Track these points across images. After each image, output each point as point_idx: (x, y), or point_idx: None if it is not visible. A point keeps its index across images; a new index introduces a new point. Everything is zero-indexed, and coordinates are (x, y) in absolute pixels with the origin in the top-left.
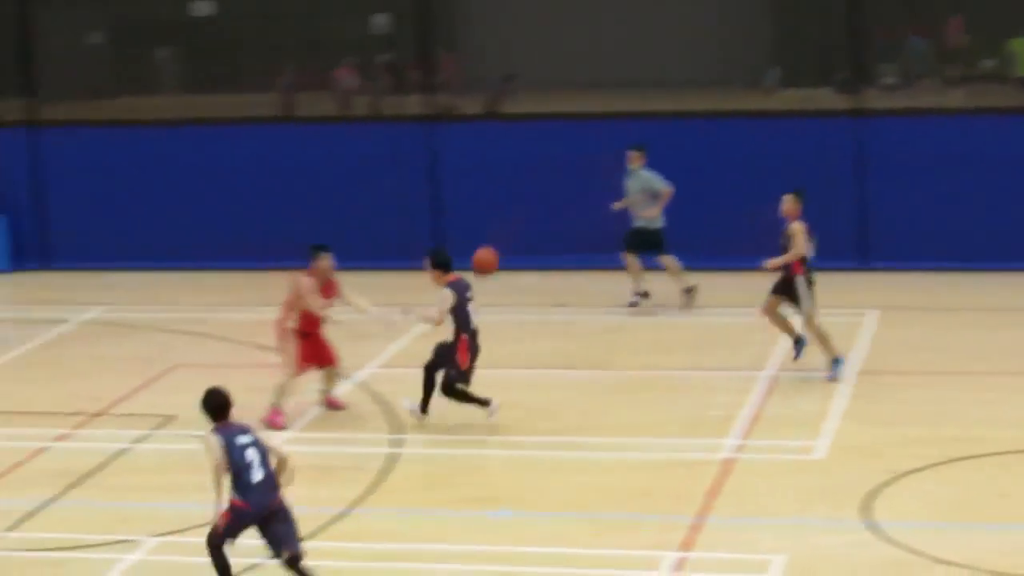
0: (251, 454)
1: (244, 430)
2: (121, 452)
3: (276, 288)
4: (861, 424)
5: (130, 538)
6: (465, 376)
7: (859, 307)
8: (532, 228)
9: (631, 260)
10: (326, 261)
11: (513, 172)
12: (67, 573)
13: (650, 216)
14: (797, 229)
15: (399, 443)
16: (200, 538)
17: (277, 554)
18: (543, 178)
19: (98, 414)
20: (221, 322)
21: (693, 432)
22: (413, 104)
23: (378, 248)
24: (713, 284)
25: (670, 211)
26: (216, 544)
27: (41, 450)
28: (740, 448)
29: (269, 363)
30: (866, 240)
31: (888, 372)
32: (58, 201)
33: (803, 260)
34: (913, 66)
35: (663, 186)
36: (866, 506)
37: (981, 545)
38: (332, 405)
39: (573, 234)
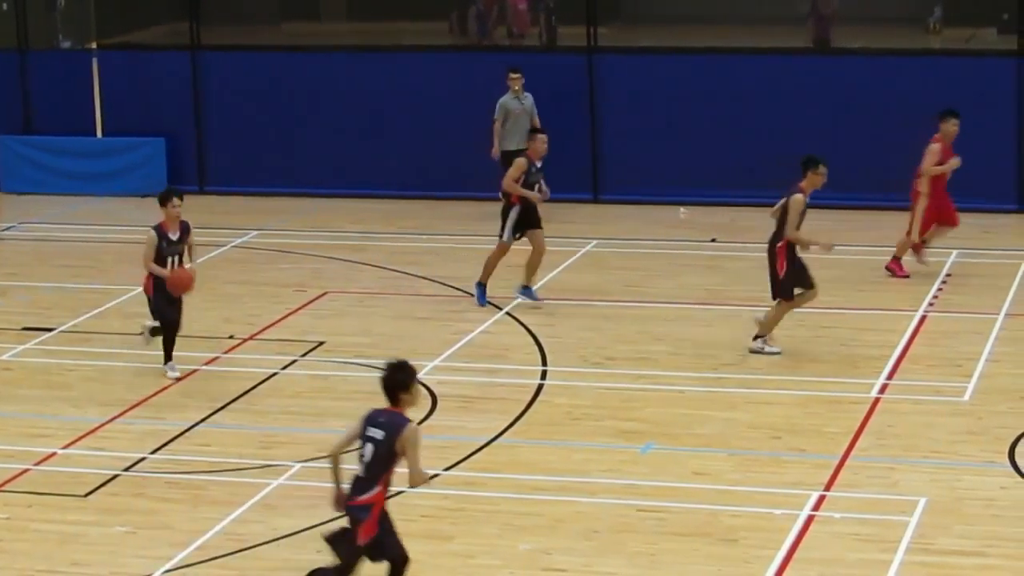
0: (366, 449)
1: (378, 427)
2: (269, 377)
3: (425, 217)
4: (1010, 367)
5: (273, 463)
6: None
7: (1016, 249)
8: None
9: None
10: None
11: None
12: (209, 496)
13: None
14: None
15: (547, 375)
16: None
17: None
18: (701, 111)
19: (249, 338)
20: (378, 249)
21: (842, 371)
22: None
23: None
24: (876, 221)
25: (834, 147)
26: None
27: (192, 373)
28: (888, 388)
29: (420, 292)
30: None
31: None
32: (217, 125)
33: None
34: None
35: None
36: (1013, 449)
37: None
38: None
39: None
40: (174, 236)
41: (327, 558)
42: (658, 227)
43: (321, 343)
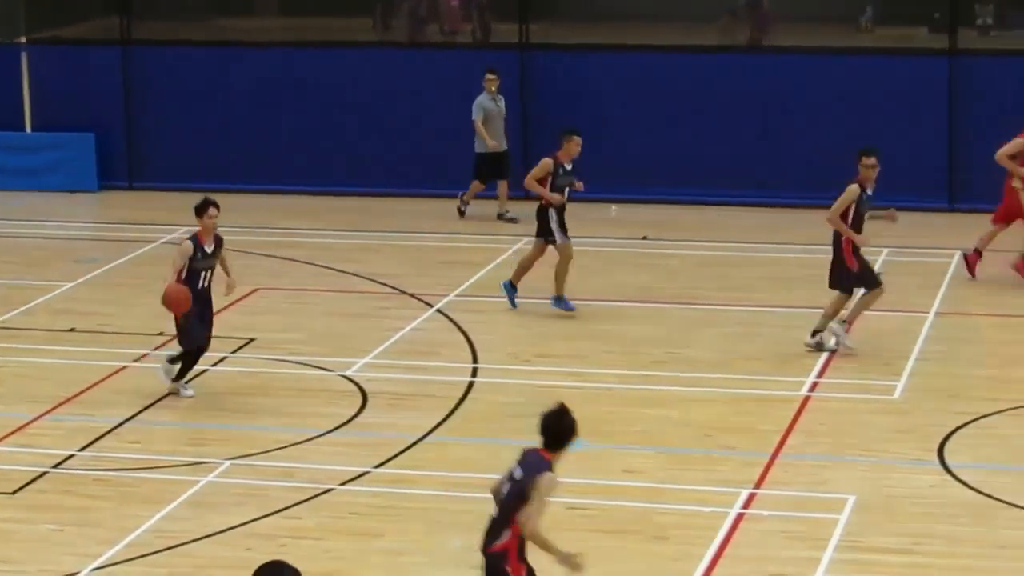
0: (504, 487)
1: (521, 466)
2: (199, 374)
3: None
4: (940, 365)
5: (203, 460)
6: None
7: (946, 247)
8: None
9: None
10: None
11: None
12: (139, 493)
13: None
14: None
15: (478, 372)
16: (272, 462)
17: None
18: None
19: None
20: (310, 246)
21: (773, 369)
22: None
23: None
24: (800, 220)
25: (766, 144)
26: None
27: (120, 369)
28: (818, 386)
29: (352, 289)
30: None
31: (969, 314)
32: (147, 120)
33: None
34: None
35: None
36: (942, 447)
37: None
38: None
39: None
40: (209, 248)
41: (257, 555)
42: (590, 225)
43: (251, 340)
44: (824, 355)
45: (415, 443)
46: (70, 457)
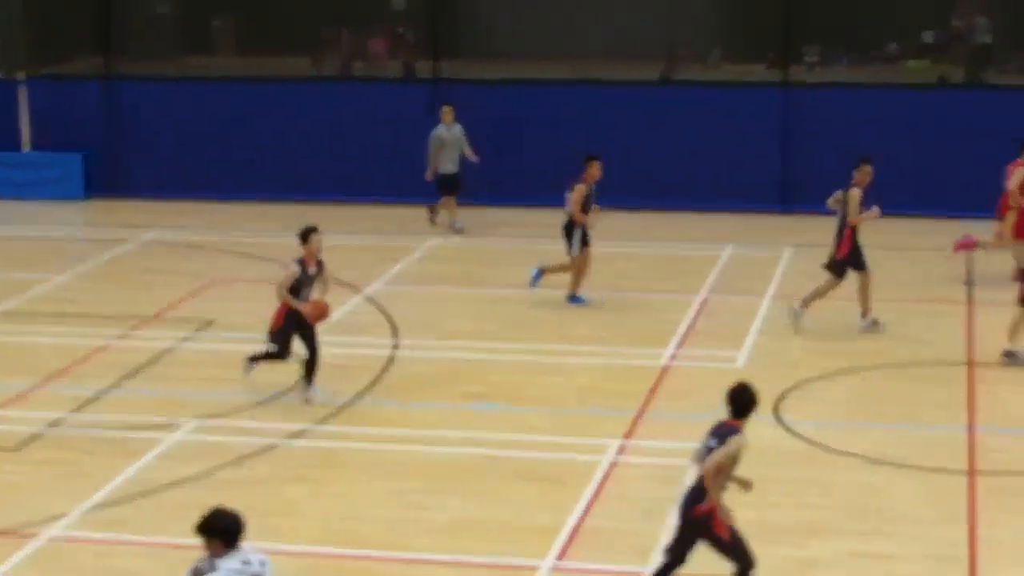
0: (703, 455)
1: (715, 435)
2: (168, 350)
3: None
4: (775, 339)
5: (174, 421)
6: None
7: (779, 242)
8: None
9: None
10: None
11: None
12: (120, 449)
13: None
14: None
15: (402, 347)
16: (230, 422)
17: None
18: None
19: (151, 318)
20: (264, 246)
21: (640, 342)
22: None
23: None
24: (670, 222)
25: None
26: None
27: (103, 347)
28: (677, 356)
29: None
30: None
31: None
32: (125, 142)
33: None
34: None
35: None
36: (777, 406)
37: (868, 440)
38: None
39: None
40: (312, 271)
41: (217, 499)
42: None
43: (211, 322)
44: (681, 331)
45: (348, 404)
46: (63, 419)
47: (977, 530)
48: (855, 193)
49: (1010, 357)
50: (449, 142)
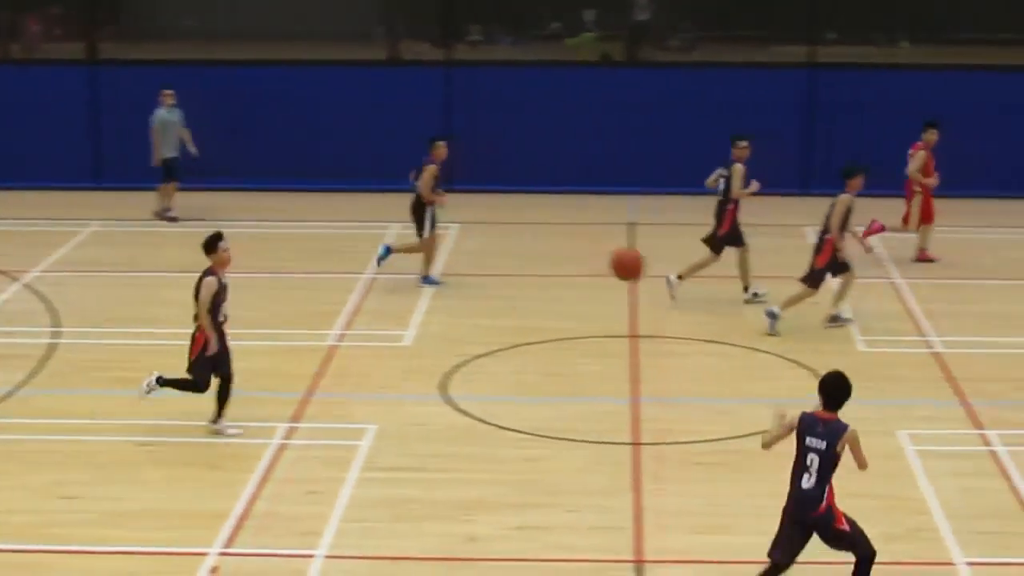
0: (812, 460)
1: (818, 436)
2: None
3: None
4: (442, 317)
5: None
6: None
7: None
8: None
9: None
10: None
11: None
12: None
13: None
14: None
15: (60, 335)
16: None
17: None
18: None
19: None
20: None
21: (305, 324)
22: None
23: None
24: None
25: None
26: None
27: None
28: (344, 337)
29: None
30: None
31: (467, 275)
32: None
33: None
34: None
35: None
36: (443, 384)
37: (534, 415)
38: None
39: None
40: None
41: None
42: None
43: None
44: (347, 312)
45: (4, 397)
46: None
47: (642, 500)
48: (739, 168)
49: (834, 321)
50: (170, 125)
